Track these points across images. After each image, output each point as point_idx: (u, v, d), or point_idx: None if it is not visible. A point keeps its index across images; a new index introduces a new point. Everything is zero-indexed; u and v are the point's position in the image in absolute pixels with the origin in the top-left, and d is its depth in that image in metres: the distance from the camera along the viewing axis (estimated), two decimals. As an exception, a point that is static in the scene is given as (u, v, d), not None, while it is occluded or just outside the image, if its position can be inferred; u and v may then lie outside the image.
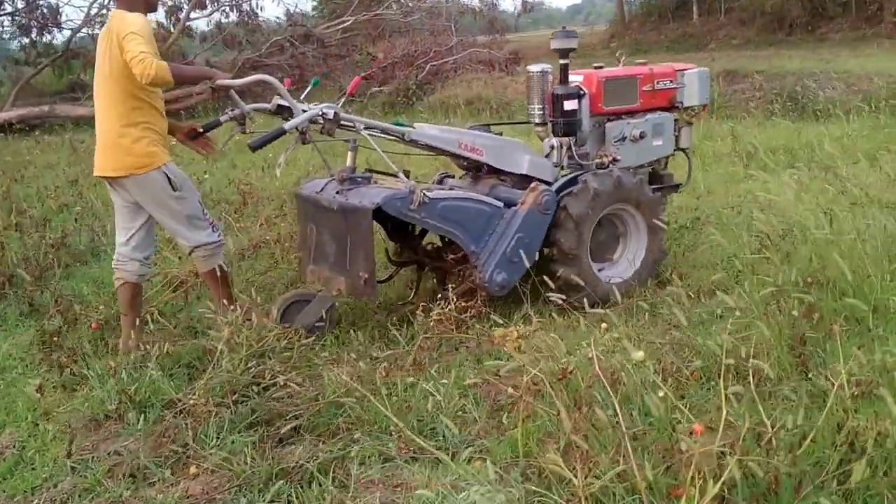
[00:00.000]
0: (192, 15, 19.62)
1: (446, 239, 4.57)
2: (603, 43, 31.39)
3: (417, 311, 4.08)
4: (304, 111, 4.12)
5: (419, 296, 4.77)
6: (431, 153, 4.76)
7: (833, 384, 2.50)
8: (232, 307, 3.94)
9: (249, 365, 3.55)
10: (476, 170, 4.85)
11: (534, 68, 4.79)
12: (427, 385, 3.46)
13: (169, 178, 3.98)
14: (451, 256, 4.47)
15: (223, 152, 4.49)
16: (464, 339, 3.97)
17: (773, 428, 2.38)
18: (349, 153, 4.35)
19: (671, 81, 5.03)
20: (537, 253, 4.42)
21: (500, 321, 3.30)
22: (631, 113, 4.93)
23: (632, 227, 4.76)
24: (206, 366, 3.60)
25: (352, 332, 4.18)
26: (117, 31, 3.76)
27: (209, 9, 19.56)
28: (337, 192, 4.22)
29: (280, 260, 5.60)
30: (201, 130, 4.25)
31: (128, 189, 4.02)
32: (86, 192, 8.05)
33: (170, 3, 18.73)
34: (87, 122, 15.47)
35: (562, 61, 4.72)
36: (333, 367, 3.63)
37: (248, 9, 20.18)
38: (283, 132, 4.00)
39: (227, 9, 19.94)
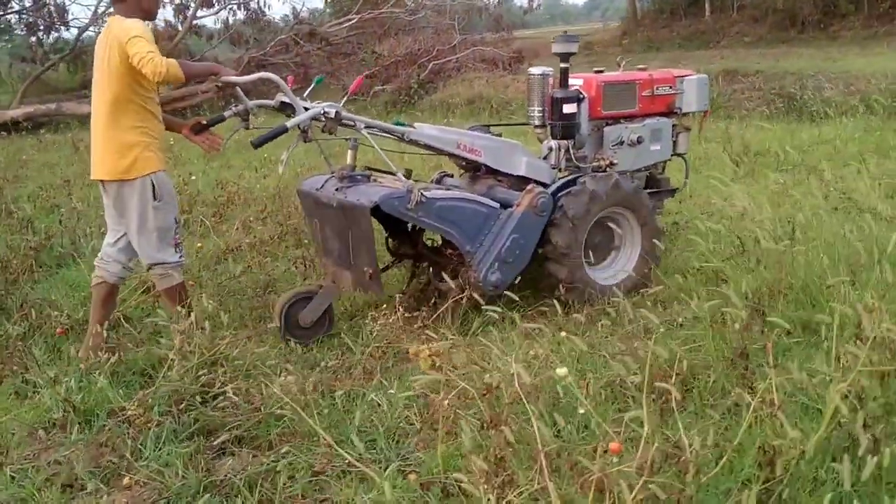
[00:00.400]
0: (200, 13, 19.76)
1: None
2: (615, 40, 31.22)
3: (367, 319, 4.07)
4: (307, 109, 4.16)
5: (411, 290, 4.81)
6: (430, 153, 4.80)
7: (751, 402, 2.47)
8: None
9: (200, 373, 3.54)
10: (474, 170, 4.91)
11: (534, 71, 4.85)
12: (374, 395, 3.46)
13: (153, 187, 4.00)
14: (450, 251, 4.50)
15: (222, 151, 4.59)
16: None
17: (689, 447, 2.35)
18: (349, 151, 4.40)
19: (670, 87, 5.07)
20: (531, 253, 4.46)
21: (433, 334, 3.26)
22: (629, 117, 4.96)
23: (627, 233, 4.77)
24: (160, 373, 3.60)
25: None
26: (117, 36, 3.79)
27: (216, 7, 19.68)
28: (336, 190, 4.28)
29: (253, 264, 5.60)
30: (205, 124, 4.28)
31: (115, 192, 4.05)
32: (76, 192, 8.09)
33: (177, 2, 18.84)
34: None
35: (562, 65, 4.76)
36: (278, 377, 3.62)
37: (256, 7, 20.27)
38: (284, 130, 4.04)
39: (235, 7, 20.05)
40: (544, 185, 4.63)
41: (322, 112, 4.18)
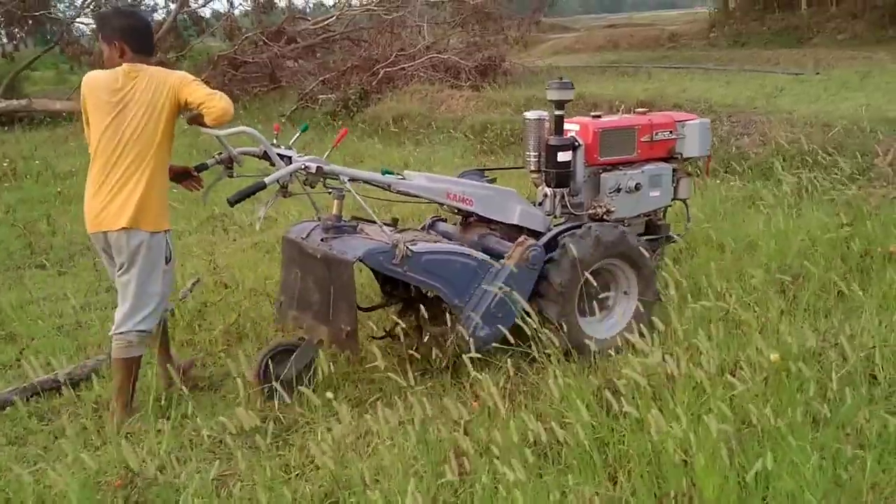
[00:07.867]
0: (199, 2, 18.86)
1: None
2: (703, 32, 28.36)
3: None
4: (290, 160, 4.08)
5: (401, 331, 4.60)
6: (421, 202, 4.65)
7: None
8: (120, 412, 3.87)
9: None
10: (466, 216, 4.77)
11: (529, 115, 4.72)
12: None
13: (168, 246, 3.97)
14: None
15: (206, 202, 4.58)
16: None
17: None
18: (335, 202, 4.26)
19: (670, 132, 4.93)
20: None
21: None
22: (628, 163, 4.82)
23: (622, 281, 4.62)
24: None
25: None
26: (172, 84, 3.79)
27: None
28: (322, 240, 4.14)
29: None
30: (188, 170, 4.21)
31: (125, 242, 3.84)
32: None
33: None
34: (64, 118, 15.13)
35: (557, 112, 4.60)
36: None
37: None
38: (262, 186, 3.93)
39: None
40: (539, 234, 4.51)
41: (302, 167, 4.06)
